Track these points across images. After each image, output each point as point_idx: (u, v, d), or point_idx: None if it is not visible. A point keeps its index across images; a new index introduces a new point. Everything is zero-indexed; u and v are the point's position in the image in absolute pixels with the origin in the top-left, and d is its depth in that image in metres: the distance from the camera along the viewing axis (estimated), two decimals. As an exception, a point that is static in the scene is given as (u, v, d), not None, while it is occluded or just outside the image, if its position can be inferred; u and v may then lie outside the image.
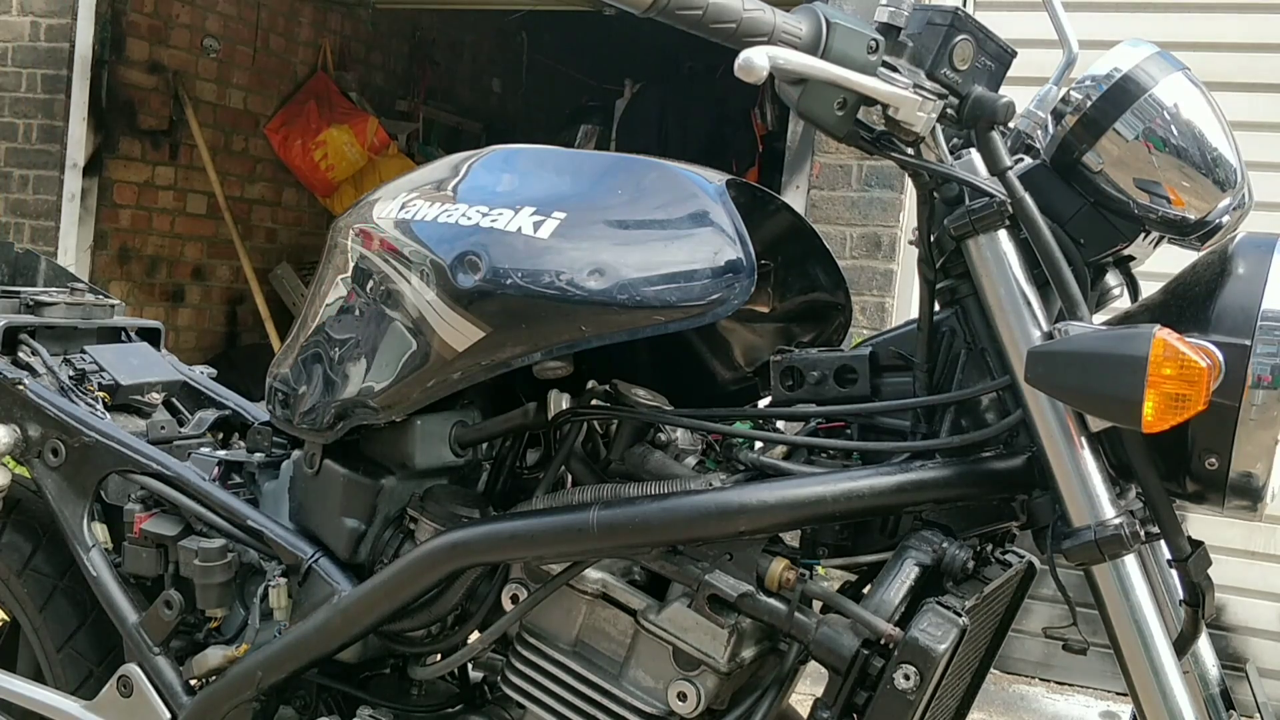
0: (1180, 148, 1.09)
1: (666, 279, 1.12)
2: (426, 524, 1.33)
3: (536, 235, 1.15)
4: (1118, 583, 1.06)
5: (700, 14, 0.95)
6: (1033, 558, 1.29)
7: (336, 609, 1.32)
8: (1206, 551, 1.07)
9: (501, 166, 1.29)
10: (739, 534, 1.16)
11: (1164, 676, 1.05)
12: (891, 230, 3.54)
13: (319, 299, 1.38)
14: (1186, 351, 0.95)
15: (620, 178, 1.22)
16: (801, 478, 1.17)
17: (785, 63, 0.95)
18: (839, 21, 0.99)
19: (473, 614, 1.32)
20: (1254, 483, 1.01)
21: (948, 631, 1.08)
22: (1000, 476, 1.14)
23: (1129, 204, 1.11)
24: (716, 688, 1.18)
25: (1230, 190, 1.11)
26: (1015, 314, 1.10)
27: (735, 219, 1.13)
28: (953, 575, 1.14)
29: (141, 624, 1.47)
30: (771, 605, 1.15)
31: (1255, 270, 1.02)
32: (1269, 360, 0.98)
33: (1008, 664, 3.46)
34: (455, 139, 6.84)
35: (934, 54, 1.06)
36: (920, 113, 1.04)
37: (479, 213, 1.19)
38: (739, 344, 1.41)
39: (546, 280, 1.14)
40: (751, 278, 1.11)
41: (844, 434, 1.26)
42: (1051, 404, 1.06)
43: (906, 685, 1.07)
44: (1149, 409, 0.95)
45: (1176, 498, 1.07)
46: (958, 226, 1.11)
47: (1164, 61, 1.10)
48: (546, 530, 1.21)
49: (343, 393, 1.31)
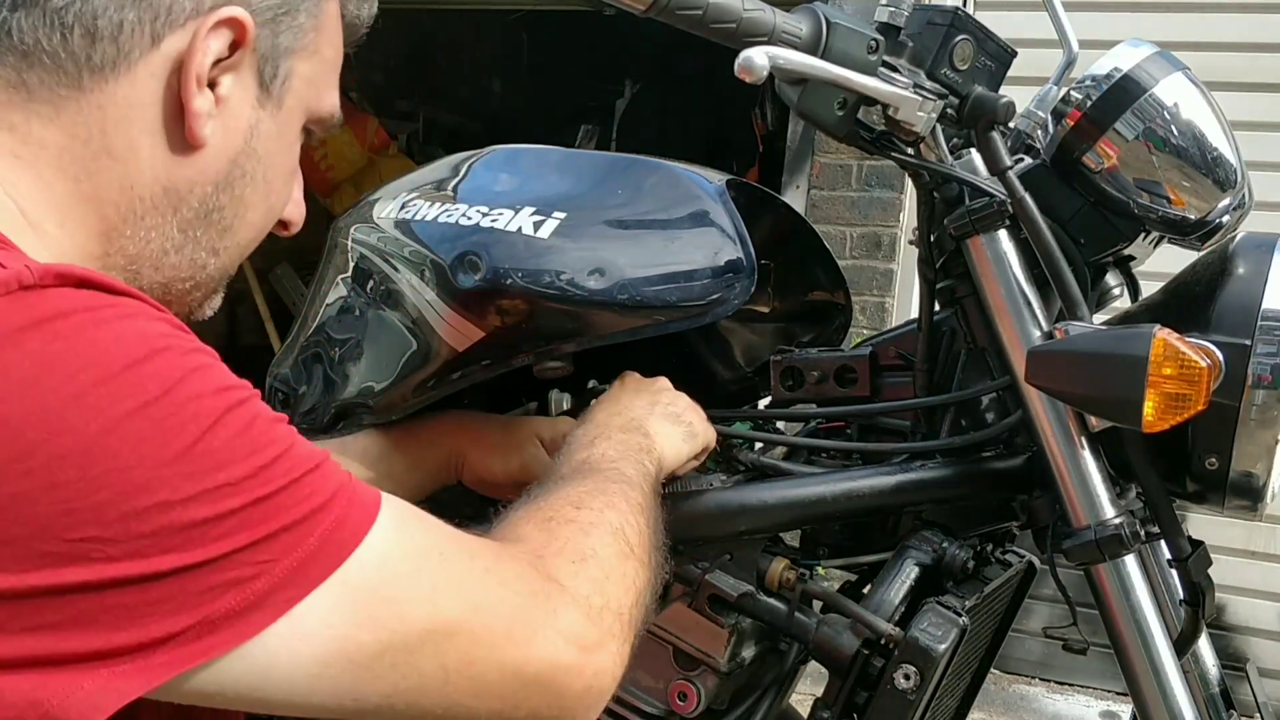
0: (1180, 147, 1.08)
1: (666, 279, 1.12)
2: (426, 524, 1.33)
3: (537, 235, 1.15)
4: (1118, 583, 1.06)
5: (700, 14, 0.95)
6: (1033, 558, 1.29)
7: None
8: (1206, 551, 1.07)
9: (502, 166, 1.29)
10: (739, 534, 1.16)
11: (1164, 676, 1.05)
12: (891, 230, 3.54)
13: (319, 299, 1.38)
14: (1186, 351, 0.95)
15: (620, 177, 1.22)
16: (801, 478, 1.17)
17: (785, 63, 0.95)
18: (839, 21, 0.99)
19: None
20: (1254, 483, 1.01)
21: (948, 631, 1.08)
22: (1000, 476, 1.14)
23: (1129, 204, 1.11)
24: (716, 688, 1.18)
25: (1230, 190, 1.11)
26: (1015, 314, 1.10)
27: (735, 219, 1.13)
28: (953, 575, 1.14)
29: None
30: (771, 605, 1.15)
31: (1255, 270, 1.02)
32: (1269, 360, 0.98)
33: (1008, 664, 3.46)
34: (455, 139, 6.83)
35: (934, 54, 1.06)
36: (920, 113, 1.04)
37: (479, 212, 1.19)
38: (739, 344, 1.41)
39: (547, 280, 1.14)
40: (751, 278, 1.12)
41: (844, 434, 1.26)
42: (1051, 404, 1.06)
43: (906, 685, 1.07)
44: (1149, 409, 0.95)
45: (1176, 498, 1.07)
46: (958, 226, 1.11)
47: (1164, 61, 1.10)
48: (546, 530, 1.21)
49: (343, 393, 1.31)
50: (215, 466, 0.62)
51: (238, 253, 0.84)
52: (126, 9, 0.72)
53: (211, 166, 0.78)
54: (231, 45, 0.75)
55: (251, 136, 0.79)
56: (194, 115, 0.74)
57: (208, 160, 0.77)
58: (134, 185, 0.75)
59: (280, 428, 0.67)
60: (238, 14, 0.74)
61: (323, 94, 0.85)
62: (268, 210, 0.84)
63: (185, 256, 0.79)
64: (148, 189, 0.76)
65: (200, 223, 0.79)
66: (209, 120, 0.75)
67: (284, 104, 0.81)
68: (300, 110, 0.83)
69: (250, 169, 0.80)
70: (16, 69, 0.72)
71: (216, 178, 0.78)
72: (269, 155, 0.81)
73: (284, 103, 0.81)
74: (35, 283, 0.61)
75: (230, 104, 0.77)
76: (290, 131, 0.83)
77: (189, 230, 0.79)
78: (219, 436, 0.63)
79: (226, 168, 0.78)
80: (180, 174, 0.76)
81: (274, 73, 0.79)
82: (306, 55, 0.81)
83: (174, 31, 0.73)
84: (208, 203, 0.78)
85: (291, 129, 0.83)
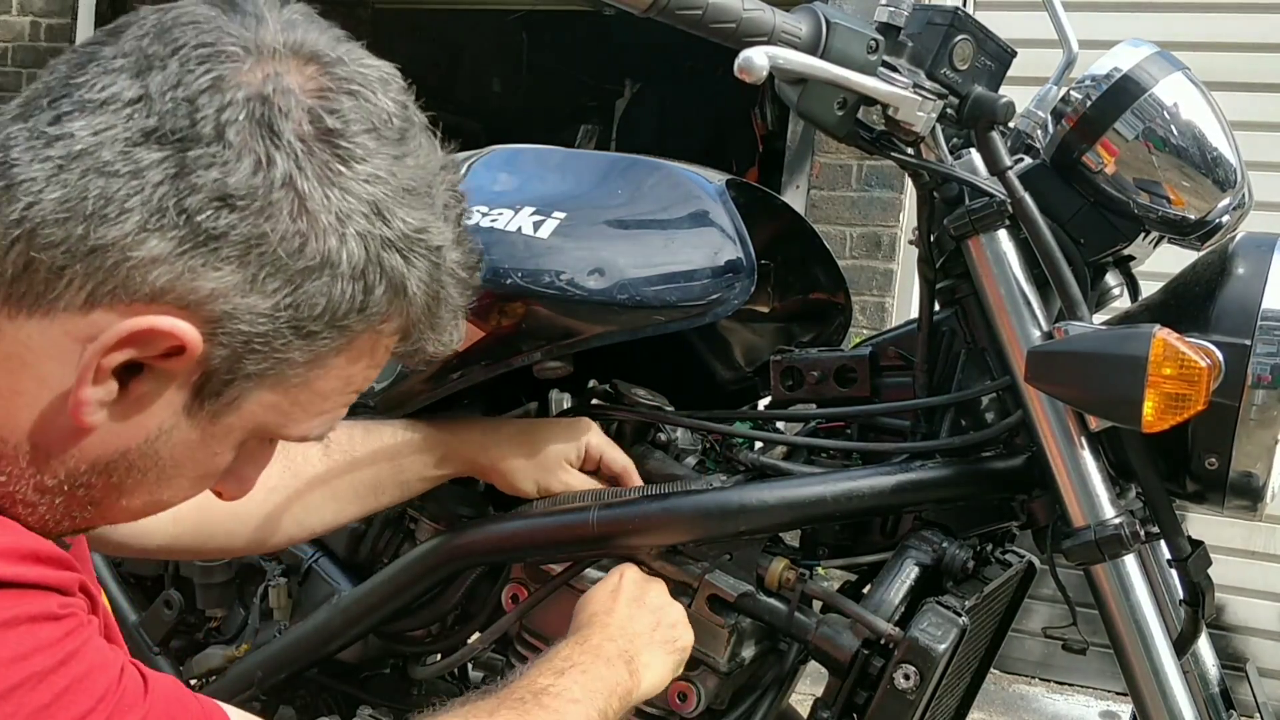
0: (1180, 147, 1.08)
1: (666, 279, 1.12)
2: (426, 524, 1.33)
3: (537, 235, 1.15)
4: (1118, 583, 1.06)
5: (700, 14, 0.95)
6: (1033, 558, 1.29)
7: (336, 609, 1.32)
8: (1206, 551, 1.07)
9: (501, 166, 1.29)
10: (739, 534, 1.16)
11: (1164, 676, 1.05)
12: (891, 230, 3.54)
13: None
14: (1186, 351, 0.95)
15: (620, 177, 1.22)
16: (801, 478, 1.17)
17: (785, 62, 0.95)
18: (839, 21, 0.99)
19: (473, 614, 1.32)
20: (1254, 482, 1.01)
21: (948, 631, 1.08)
22: (1000, 476, 1.14)
23: (1129, 204, 1.11)
24: (716, 688, 1.18)
25: (1230, 190, 1.11)
26: (1015, 314, 1.10)
27: (735, 219, 1.13)
28: (953, 575, 1.14)
29: (141, 624, 1.47)
30: (771, 605, 1.15)
31: (1255, 270, 1.02)
32: (1269, 360, 0.98)
33: (1008, 664, 3.46)
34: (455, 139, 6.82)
35: (934, 54, 1.06)
36: (920, 113, 1.04)
37: (479, 212, 1.19)
38: (739, 344, 1.41)
39: (546, 280, 1.14)
40: (751, 278, 1.12)
41: (844, 434, 1.26)
42: (1051, 404, 1.06)
43: (906, 685, 1.07)
44: (1149, 409, 0.95)
45: (1176, 498, 1.07)
46: (958, 226, 1.11)
47: (1164, 61, 1.10)
48: (546, 530, 1.21)
49: (343, 393, 1.31)
50: None
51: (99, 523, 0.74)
52: (76, 258, 0.63)
53: (92, 449, 0.68)
54: (168, 352, 0.65)
55: (156, 438, 0.69)
56: (81, 402, 0.65)
57: (90, 441, 0.67)
58: (2, 425, 0.67)
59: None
60: (185, 336, 0.64)
61: (294, 422, 0.73)
62: (152, 502, 0.73)
63: (53, 511, 0.70)
64: (13, 436, 0.67)
65: (59, 492, 0.69)
66: (100, 409, 0.66)
67: (220, 421, 0.70)
68: (245, 430, 0.72)
69: (142, 466, 0.70)
70: None
71: (94, 460, 0.68)
72: (175, 459, 0.70)
73: (221, 419, 0.70)
74: None
75: (141, 401, 0.67)
76: (220, 444, 0.72)
77: (46, 495, 0.69)
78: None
79: (110, 455, 0.68)
80: (54, 439, 0.67)
81: (217, 393, 0.68)
82: (281, 387, 0.70)
83: (110, 309, 0.64)
84: (75, 478, 0.69)
85: (223, 442, 0.72)
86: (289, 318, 0.67)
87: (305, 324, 0.67)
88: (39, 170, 0.63)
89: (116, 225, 0.63)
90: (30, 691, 0.61)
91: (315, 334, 0.68)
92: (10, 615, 0.61)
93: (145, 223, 0.63)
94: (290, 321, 0.67)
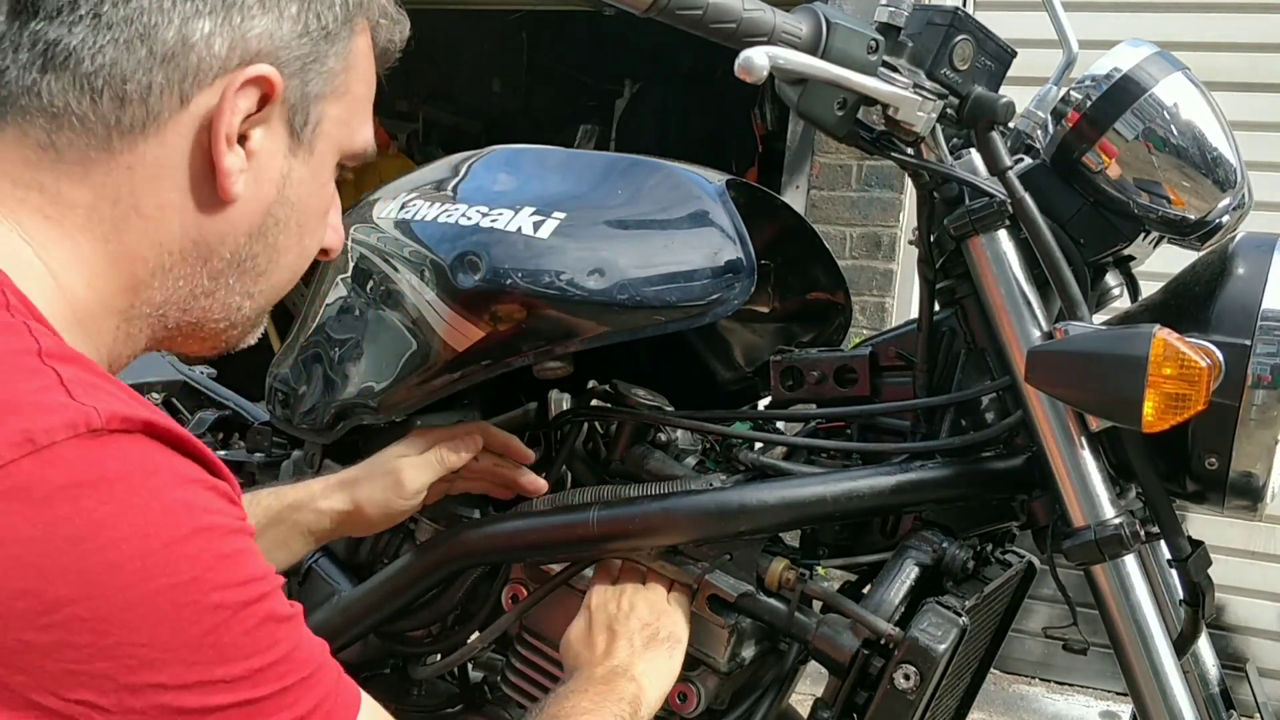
0: (1180, 148, 1.08)
1: (666, 279, 1.12)
2: (426, 524, 1.33)
3: (537, 235, 1.15)
4: (1118, 583, 1.06)
5: (700, 14, 0.95)
6: (1033, 558, 1.29)
7: (336, 609, 1.32)
8: (1206, 551, 1.07)
9: (501, 166, 1.29)
10: (739, 534, 1.16)
11: (1164, 676, 1.05)
12: (891, 230, 3.54)
13: (319, 299, 1.39)
14: (1186, 351, 0.95)
15: (620, 178, 1.22)
16: (801, 478, 1.17)
17: (785, 63, 0.95)
18: (839, 21, 0.99)
19: (473, 614, 1.32)
20: (1254, 483, 1.01)
21: (948, 631, 1.08)
22: (1000, 476, 1.14)
23: (1129, 204, 1.11)
24: (716, 688, 1.18)
25: (1230, 190, 1.11)
26: (1015, 314, 1.10)
27: (735, 219, 1.13)
28: (953, 575, 1.14)
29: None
30: (771, 605, 1.15)
31: (1255, 270, 1.02)
32: (1269, 360, 0.98)
33: (1008, 664, 3.46)
34: (455, 139, 6.83)
35: (934, 54, 1.06)
36: (920, 113, 1.04)
37: (479, 213, 1.19)
38: (739, 344, 1.41)
39: (546, 280, 1.14)
40: (751, 278, 1.12)
41: (844, 434, 1.26)
42: (1051, 404, 1.06)
43: (906, 685, 1.07)
44: (1149, 409, 0.95)
45: (1176, 498, 1.07)
46: (958, 226, 1.11)
47: (1164, 61, 1.10)
48: (546, 530, 1.21)
49: (343, 393, 1.31)
50: (217, 660, 0.63)
51: (274, 293, 0.84)
52: (155, 71, 0.72)
53: (244, 219, 0.78)
54: (260, 100, 0.75)
55: (284, 186, 0.79)
56: (225, 174, 0.75)
57: (240, 213, 0.77)
58: (163, 242, 0.75)
59: (286, 629, 0.68)
60: (265, 72, 0.74)
61: (355, 131, 0.84)
62: (302, 251, 0.85)
63: (217, 300, 0.80)
64: (177, 244, 0.76)
65: (233, 271, 0.79)
66: (240, 176, 0.76)
67: (315, 149, 0.81)
68: (333, 151, 0.83)
69: (284, 216, 0.80)
70: (46, 130, 0.72)
71: (250, 229, 0.79)
72: (302, 200, 0.81)
73: (315, 148, 0.81)
74: (102, 426, 0.62)
75: (261, 157, 0.77)
76: (323, 173, 0.83)
77: (220, 278, 0.79)
78: (230, 632, 0.64)
79: (260, 218, 0.79)
80: (211, 228, 0.77)
81: (304, 121, 0.79)
82: (337, 97, 0.81)
83: (202, 91, 0.73)
84: (240, 252, 0.79)
85: (325, 171, 0.83)
86: (316, 28, 0.78)
87: (328, 27, 0.78)
88: (82, 31, 0.71)
89: (168, 29, 0.72)
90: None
91: (336, 35, 0.79)
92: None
93: (185, 14, 0.73)
94: (318, 32, 0.78)
